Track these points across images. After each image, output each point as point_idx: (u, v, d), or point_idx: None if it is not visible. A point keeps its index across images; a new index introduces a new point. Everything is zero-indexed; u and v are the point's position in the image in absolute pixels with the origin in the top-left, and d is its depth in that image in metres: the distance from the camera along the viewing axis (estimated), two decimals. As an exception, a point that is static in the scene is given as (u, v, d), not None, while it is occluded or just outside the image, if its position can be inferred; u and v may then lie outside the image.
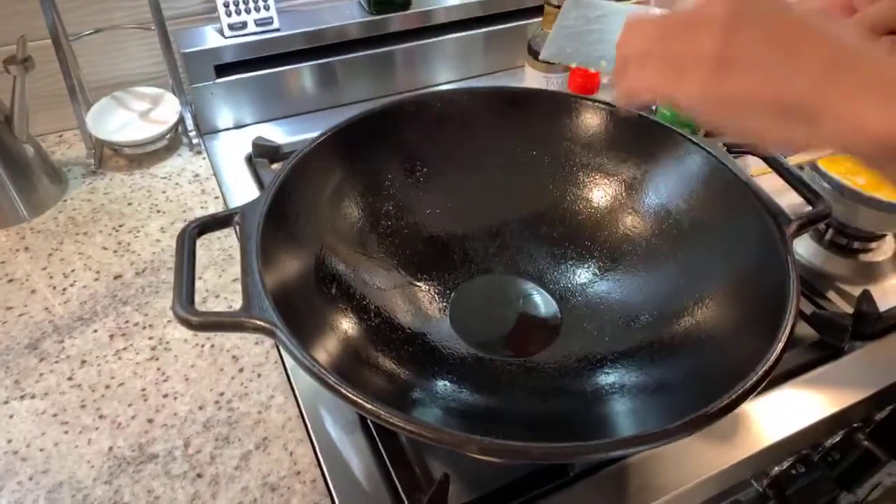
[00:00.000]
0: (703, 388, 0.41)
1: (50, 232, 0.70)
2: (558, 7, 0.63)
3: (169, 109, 0.81)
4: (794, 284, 0.43)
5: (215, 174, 0.78)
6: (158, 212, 0.73)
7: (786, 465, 0.59)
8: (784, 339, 0.40)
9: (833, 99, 0.31)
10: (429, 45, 0.90)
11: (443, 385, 0.51)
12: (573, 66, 0.52)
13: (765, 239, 0.48)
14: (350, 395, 0.36)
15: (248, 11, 0.80)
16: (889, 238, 0.71)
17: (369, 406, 0.36)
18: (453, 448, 0.35)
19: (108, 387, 0.56)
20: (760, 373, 0.38)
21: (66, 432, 0.52)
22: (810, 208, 0.52)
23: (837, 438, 0.64)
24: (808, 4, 0.41)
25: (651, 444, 0.36)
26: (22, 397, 0.55)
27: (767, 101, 0.32)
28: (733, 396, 0.37)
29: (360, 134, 0.58)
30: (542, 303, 0.60)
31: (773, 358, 0.39)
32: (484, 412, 0.49)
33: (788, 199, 0.58)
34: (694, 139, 0.55)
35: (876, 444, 0.63)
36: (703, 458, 0.52)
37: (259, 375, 0.57)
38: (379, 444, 0.50)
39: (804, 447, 0.61)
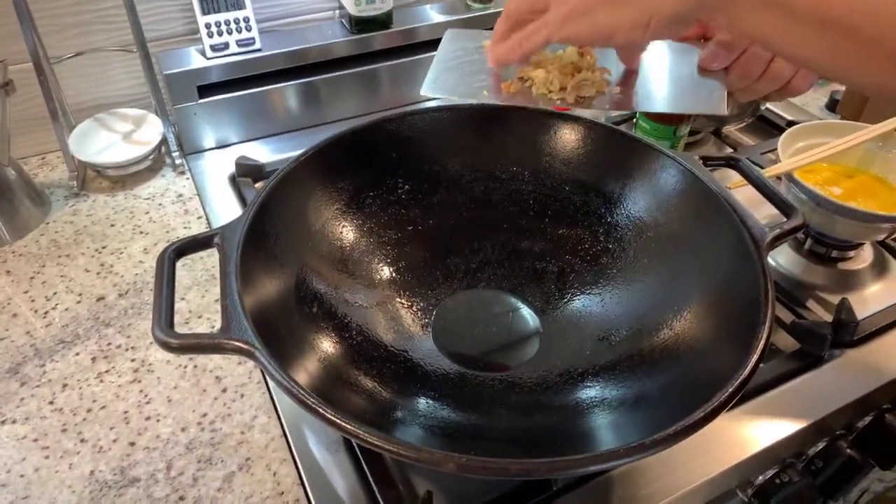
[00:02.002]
0: (682, 400, 0.42)
1: (32, 255, 0.70)
2: None
3: (152, 130, 0.81)
4: (769, 296, 0.44)
5: (198, 194, 0.79)
6: (141, 233, 0.73)
7: (770, 473, 0.59)
8: (760, 349, 0.40)
9: None
10: (410, 62, 0.91)
11: (425, 403, 0.51)
12: (455, 99, 0.52)
13: (740, 251, 0.48)
14: (330, 416, 0.36)
15: (229, 32, 0.80)
16: (867, 247, 0.72)
17: (349, 427, 0.36)
18: (433, 467, 0.35)
19: (89, 410, 0.55)
20: (737, 383, 0.39)
21: (47, 457, 0.52)
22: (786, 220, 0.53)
23: (820, 447, 0.64)
24: None
25: (630, 457, 0.36)
26: (2, 422, 0.54)
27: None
28: (710, 408, 0.37)
29: (341, 152, 0.58)
30: (524, 318, 0.60)
31: (748, 368, 0.39)
32: (466, 429, 0.49)
33: (765, 211, 0.59)
34: (671, 153, 0.56)
35: (859, 452, 0.63)
36: (687, 468, 0.52)
37: (242, 396, 0.57)
38: (363, 462, 0.50)
39: (788, 456, 0.61)
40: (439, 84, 0.52)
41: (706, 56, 0.49)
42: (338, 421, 0.36)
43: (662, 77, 0.54)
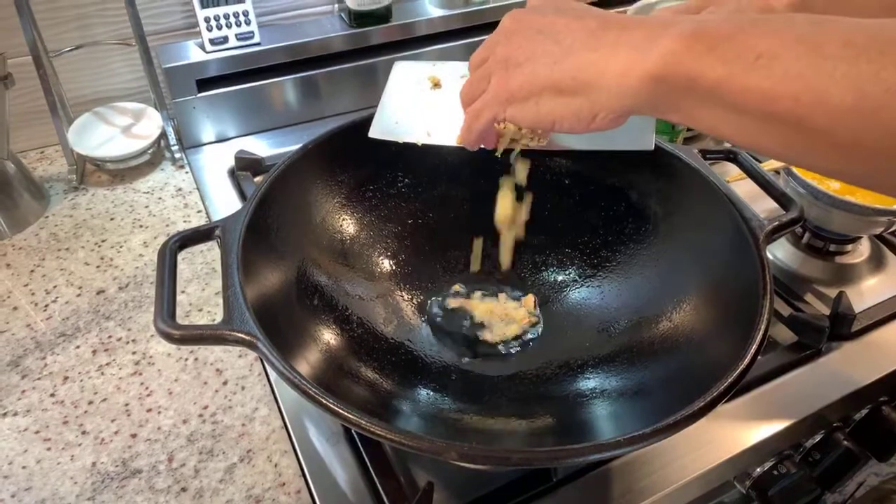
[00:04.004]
0: (681, 391, 0.42)
1: (32, 248, 0.70)
2: None
3: (151, 124, 0.81)
4: (767, 287, 0.44)
5: (198, 188, 0.79)
6: (141, 226, 0.73)
7: (767, 465, 0.60)
8: (758, 340, 0.41)
9: (597, 64, 0.35)
10: (409, 56, 0.91)
11: (425, 394, 0.51)
12: (401, 142, 0.49)
13: (739, 243, 0.48)
14: (331, 406, 0.37)
15: (228, 26, 0.80)
16: (864, 240, 0.72)
17: (350, 416, 0.36)
18: (434, 455, 0.35)
19: (90, 402, 0.56)
20: (735, 374, 0.39)
21: (49, 449, 0.52)
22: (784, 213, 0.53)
23: (818, 438, 0.65)
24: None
25: (630, 447, 0.37)
26: (4, 415, 0.54)
27: (546, 85, 0.37)
28: (709, 398, 0.38)
29: (340, 146, 0.58)
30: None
31: (747, 359, 0.40)
32: (467, 420, 0.49)
33: (764, 205, 0.59)
34: (670, 147, 0.56)
35: (855, 444, 0.63)
36: (685, 460, 0.52)
37: (243, 388, 0.57)
38: (363, 454, 0.51)
39: (785, 448, 0.61)
40: (383, 127, 0.50)
41: None
42: (340, 410, 0.36)
43: None
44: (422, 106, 0.50)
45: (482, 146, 0.44)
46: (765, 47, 0.30)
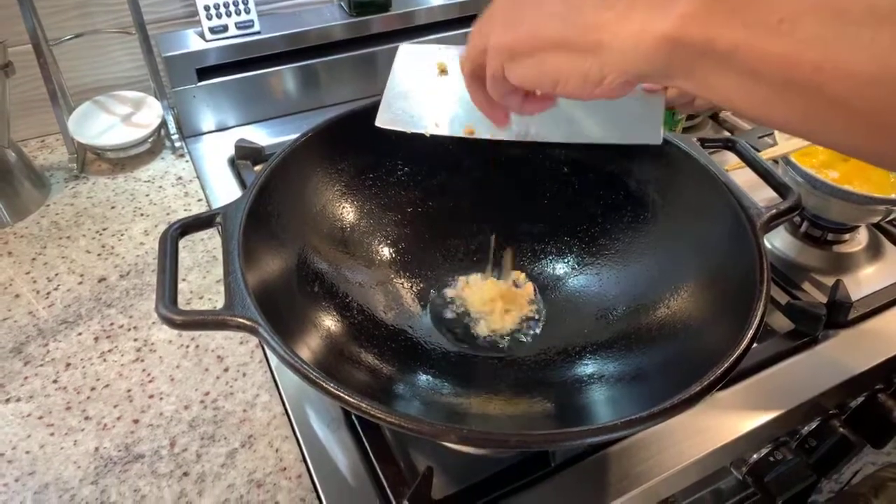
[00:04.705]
0: (678, 376, 0.42)
1: (33, 236, 0.70)
2: None
3: (151, 113, 0.82)
4: (764, 274, 0.44)
5: (198, 177, 0.79)
6: (142, 215, 0.73)
7: (764, 452, 0.60)
8: (755, 326, 0.41)
9: (610, 23, 0.33)
10: (410, 46, 0.91)
11: (425, 379, 0.52)
12: (407, 133, 0.47)
13: (736, 231, 0.49)
14: (332, 390, 0.37)
15: (228, 15, 0.80)
16: (862, 229, 0.73)
17: (351, 399, 0.37)
18: (434, 438, 0.36)
19: (93, 388, 0.56)
20: (732, 359, 0.39)
21: (52, 434, 0.53)
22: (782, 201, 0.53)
23: (814, 425, 0.65)
24: None
25: (627, 430, 0.37)
26: (7, 401, 0.55)
27: (554, 40, 0.35)
28: (706, 382, 0.38)
29: (340, 134, 0.58)
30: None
31: (744, 344, 0.40)
32: (466, 404, 0.50)
33: (763, 194, 0.60)
34: (669, 135, 0.56)
35: (851, 431, 0.64)
36: (682, 446, 0.53)
37: (244, 374, 0.57)
38: (363, 439, 0.51)
39: (781, 434, 0.62)
40: (390, 115, 0.48)
41: None
42: (341, 394, 0.37)
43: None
44: (428, 93, 0.49)
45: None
46: (787, 11, 0.29)
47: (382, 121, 0.48)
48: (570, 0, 0.35)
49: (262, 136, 0.85)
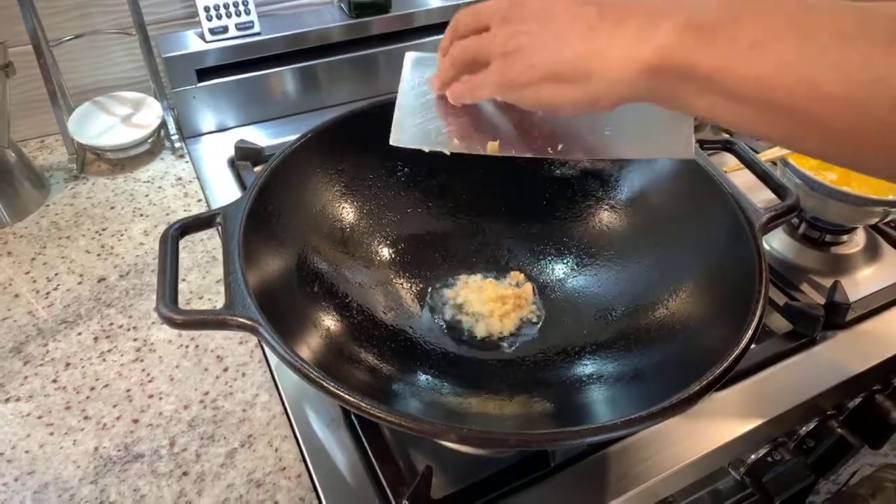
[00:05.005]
0: (677, 376, 0.43)
1: (33, 236, 0.70)
2: None
3: (151, 114, 0.82)
4: (762, 275, 0.45)
5: (198, 177, 0.79)
6: (141, 215, 0.74)
7: (762, 452, 0.61)
8: (753, 327, 0.41)
9: (595, 55, 0.36)
10: (409, 47, 0.91)
11: (425, 379, 0.52)
12: (425, 149, 0.45)
13: (735, 232, 0.49)
14: (332, 389, 0.37)
15: (228, 16, 0.80)
16: (859, 231, 0.73)
17: (351, 398, 0.37)
18: (433, 437, 0.36)
19: (92, 388, 0.56)
20: (730, 359, 0.40)
21: (52, 434, 0.53)
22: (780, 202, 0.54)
23: (812, 426, 0.66)
24: None
25: (626, 429, 0.37)
26: (7, 400, 0.55)
27: (546, 73, 0.38)
28: (704, 383, 0.38)
29: (340, 135, 0.59)
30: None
31: (742, 345, 0.40)
32: (465, 404, 0.50)
33: (761, 195, 0.60)
34: (668, 136, 0.57)
35: (849, 431, 0.64)
36: (680, 446, 0.53)
37: (243, 374, 0.57)
38: (363, 439, 0.51)
39: (779, 435, 0.62)
40: (406, 132, 0.46)
41: None
42: (340, 393, 0.37)
43: (621, 112, 0.40)
44: (442, 106, 0.47)
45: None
46: (759, 35, 0.31)
47: (397, 139, 0.47)
48: (559, 28, 0.37)
49: (261, 136, 0.86)
